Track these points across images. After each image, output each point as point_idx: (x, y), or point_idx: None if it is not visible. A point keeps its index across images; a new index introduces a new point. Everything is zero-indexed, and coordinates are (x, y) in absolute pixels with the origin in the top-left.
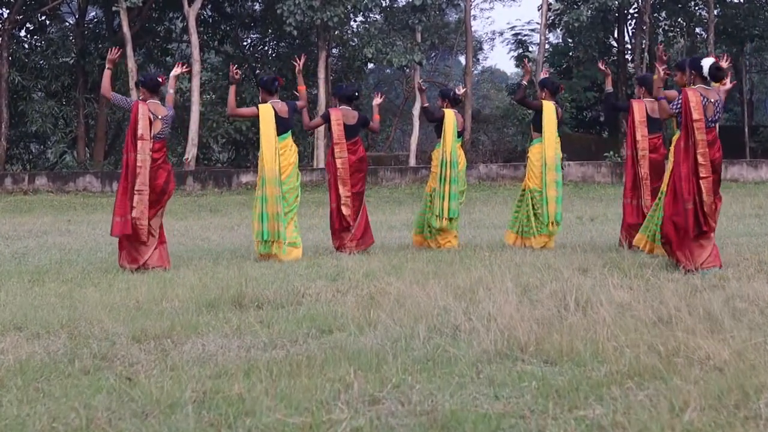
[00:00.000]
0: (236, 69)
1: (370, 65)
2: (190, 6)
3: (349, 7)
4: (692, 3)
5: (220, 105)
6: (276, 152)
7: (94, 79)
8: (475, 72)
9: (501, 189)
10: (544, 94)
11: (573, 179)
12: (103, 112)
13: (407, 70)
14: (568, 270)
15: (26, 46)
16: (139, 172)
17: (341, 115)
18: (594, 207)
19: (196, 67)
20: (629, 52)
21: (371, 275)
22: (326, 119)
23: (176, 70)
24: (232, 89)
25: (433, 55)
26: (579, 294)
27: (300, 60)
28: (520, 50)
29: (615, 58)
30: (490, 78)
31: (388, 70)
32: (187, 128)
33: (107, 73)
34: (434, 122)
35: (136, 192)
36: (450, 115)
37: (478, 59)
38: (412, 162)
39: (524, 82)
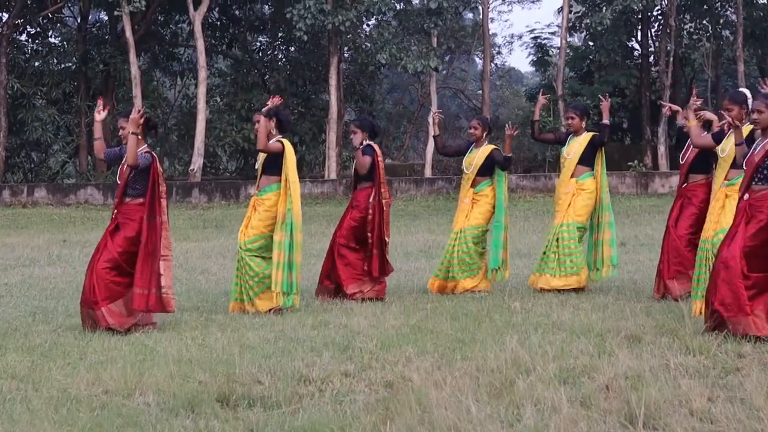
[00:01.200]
0: (277, 99)
1: (384, 70)
2: (195, 10)
3: (361, 10)
4: (718, 5)
5: (227, 112)
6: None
7: (97, 85)
8: (491, 76)
9: (521, 202)
10: (579, 122)
11: None
12: (106, 121)
13: (420, 77)
14: (615, 338)
15: (26, 51)
16: (163, 235)
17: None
18: (622, 225)
19: (202, 74)
20: (653, 55)
21: (387, 345)
22: (372, 156)
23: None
24: (265, 122)
25: (447, 59)
26: (640, 389)
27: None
28: (540, 54)
29: (638, 61)
30: (507, 81)
31: (404, 76)
32: (192, 137)
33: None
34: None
35: (162, 258)
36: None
37: (496, 64)
38: (428, 172)
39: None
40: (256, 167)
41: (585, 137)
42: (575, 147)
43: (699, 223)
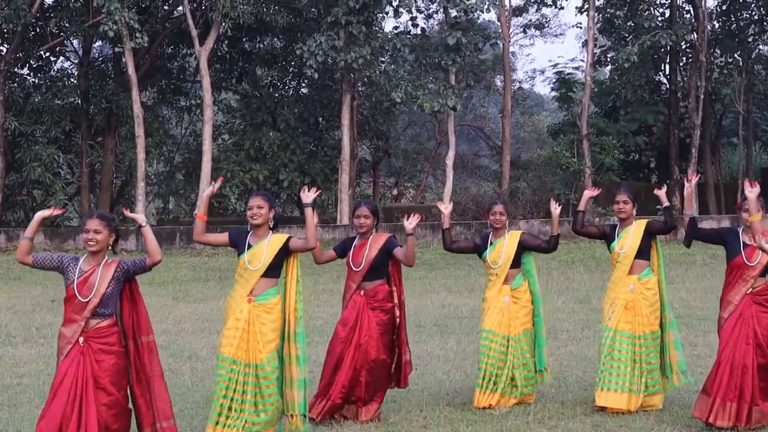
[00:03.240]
0: (316, 192)
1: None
2: (201, 45)
3: (375, 46)
4: (750, 38)
5: (235, 152)
6: None
7: (99, 123)
8: (512, 110)
9: None
10: (632, 207)
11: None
12: (108, 161)
13: (437, 116)
14: None
15: (27, 86)
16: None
17: None
18: None
19: (208, 113)
20: (681, 91)
21: None
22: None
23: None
24: (310, 213)
25: (465, 95)
26: None
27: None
28: (563, 89)
29: (666, 97)
30: (529, 106)
31: (421, 112)
32: (198, 176)
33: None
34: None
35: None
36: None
37: (518, 100)
38: None
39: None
40: (252, 268)
41: (639, 225)
42: (630, 239)
43: None
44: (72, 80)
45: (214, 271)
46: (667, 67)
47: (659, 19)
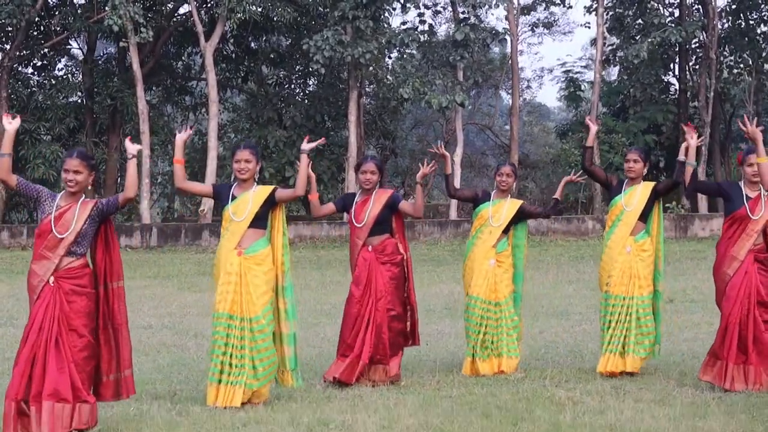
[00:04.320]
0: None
1: (408, 105)
2: (207, 41)
3: (382, 42)
4: (761, 37)
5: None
6: None
7: (103, 120)
8: (520, 111)
9: (552, 246)
10: (642, 167)
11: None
12: (113, 158)
13: (444, 113)
14: None
15: (30, 84)
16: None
17: None
18: (665, 274)
19: (214, 109)
20: (690, 90)
21: None
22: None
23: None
24: (305, 160)
25: (473, 93)
26: None
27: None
28: (571, 88)
29: (675, 97)
30: (536, 117)
31: (428, 111)
32: (203, 174)
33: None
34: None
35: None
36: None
37: (524, 99)
38: (453, 214)
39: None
40: (237, 219)
41: (646, 187)
42: (636, 198)
43: None
44: (76, 78)
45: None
46: (677, 66)
47: (668, 19)
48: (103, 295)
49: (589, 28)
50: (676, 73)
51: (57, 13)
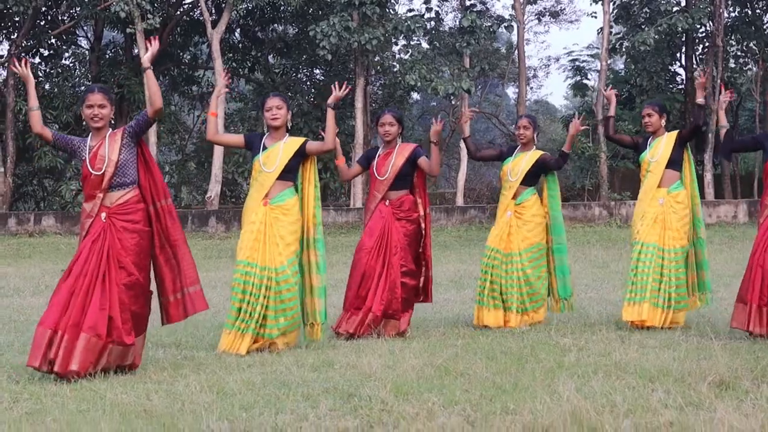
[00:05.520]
0: (346, 89)
1: (414, 95)
2: (213, 28)
3: (389, 29)
4: (767, 26)
5: None
6: None
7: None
8: (527, 102)
9: None
10: (659, 119)
11: None
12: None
13: (454, 100)
14: (700, 384)
15: (38, 74)
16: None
17: None
18: None
19: (221, 97)
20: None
21: (403, 392)
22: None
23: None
24: (332, 114)
25: (479, 84)
26: None
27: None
28: (578, 77)
29: (681, 87)
30: (544, 110)
31: (433, 103)
32: (210, 163)
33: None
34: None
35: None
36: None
37: (531, 88)
38: (460, 201)
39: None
40: (267, 169)
41: (670, 136)
42: (661, 148)
43: None
44: (85, 66)
45: (227, 251)
46: (683, 56)
47: (675, 9)
48: (154, 215)
49: (596, 17)
50: (683, 62)
51: (64, 1)
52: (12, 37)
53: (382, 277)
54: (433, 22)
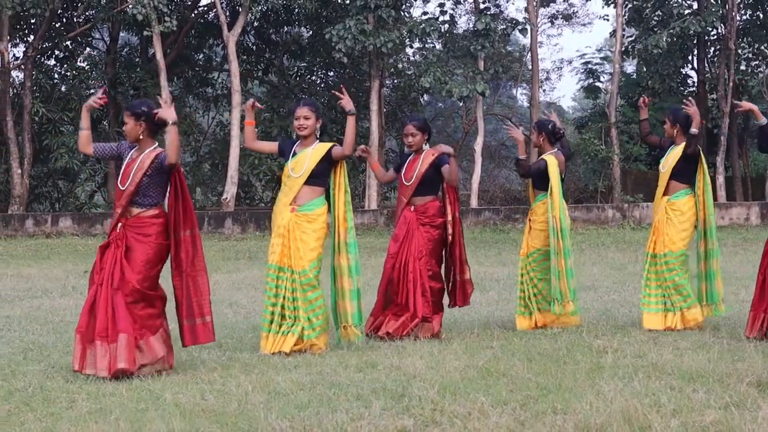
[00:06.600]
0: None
1: (426, 97)
2: (230, 31)
3: (404, 32)
4: None
5: (263, 139)
6: None
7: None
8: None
9: (573, 234)
10: (671, 128)
11: (652, 222)
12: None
13: (465, 103)
14: (740, 385)
15: (54, 76)
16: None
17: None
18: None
19: (236, 98)
20: (710, 83)
21: (452, 392)
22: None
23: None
24: (351, 121)
25: (491, 87)
26: None
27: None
28: (590, 80)
29: (693, 89)
30: (556, 113)
31: (440, 104)
32: (226, 165)
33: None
34: (530, 177)
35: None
36: (553, 164)
37: (544, 90)
38: (474, 203)
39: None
40: (295, 175)
41: (678, 148)
42: (670, 159)
43: None
44: (101, 68)
45: (244, 252)
46: (695, 58)
47: (687, 12)
48: (174, 244)
49: (608, 20)
50: (695, 65)
51: (80, 3)
52: (28, 39)
53: (412, 282)
54: (447, 25)
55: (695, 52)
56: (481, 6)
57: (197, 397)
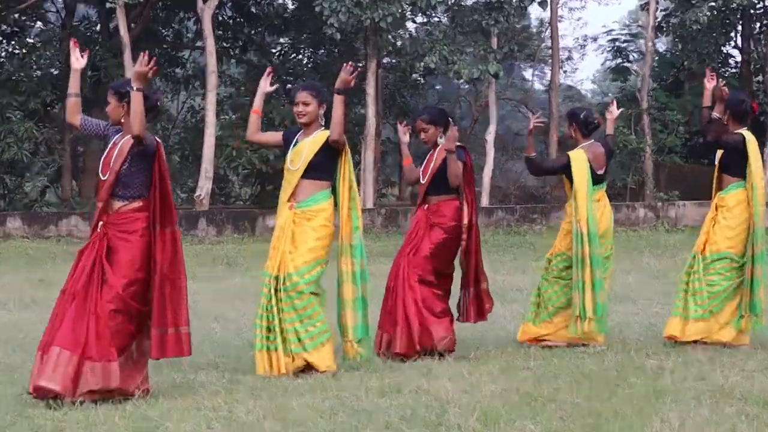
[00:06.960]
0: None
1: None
2: (205, 3)
3: (405, 4)
4: None
5: (241, 128)
6: None
7: (85, 94)
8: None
9: None
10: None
11: (689, 223)
12: (86, 76)
13: (476, 86)
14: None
15: (2, 53)
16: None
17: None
18: None
19: (213, 80)
20: (755, 64)
21: (494, 420)
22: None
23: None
24: (338, 101)
25: (505, 66)
26: None
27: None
28: (618, 60)
29: (736, 70)
30: (576, 99)
31: (439, 86)
32: (199, 157)
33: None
34: (547, 174)
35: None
36: (579, 159)
37: (565, 72)
38: (486, 201)
39: (706, 104)
40: (292, 167)
41: None
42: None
43: None
44: (54, 45)
45: (221, 258)
46: (739, 36)
47: None
48: (152, 240)
49: None
50: (738, 42)
51: None
52: None
53: (401, 287)
54: None
55: (739, 28)
56: None
57: (203, 425)
